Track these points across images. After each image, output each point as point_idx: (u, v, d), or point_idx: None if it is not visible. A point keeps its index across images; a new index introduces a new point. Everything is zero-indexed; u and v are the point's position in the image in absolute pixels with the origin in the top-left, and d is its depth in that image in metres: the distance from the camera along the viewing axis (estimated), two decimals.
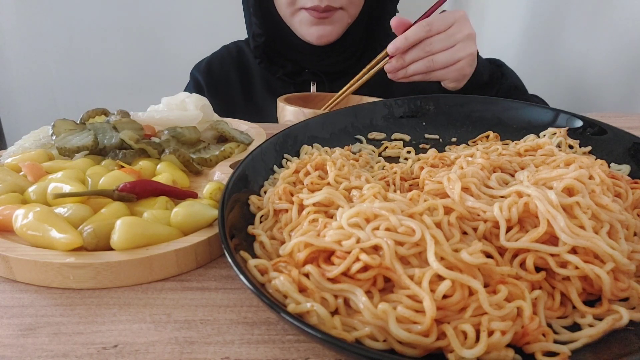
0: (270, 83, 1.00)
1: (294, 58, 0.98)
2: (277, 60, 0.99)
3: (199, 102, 0.70)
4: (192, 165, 0.56)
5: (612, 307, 0.31)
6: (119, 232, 0.38)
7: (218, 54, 1.07)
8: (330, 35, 0.90)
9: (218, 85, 1.02)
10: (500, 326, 0.28)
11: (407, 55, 0.72)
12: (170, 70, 1.75)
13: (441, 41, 0.70)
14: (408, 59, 0.72)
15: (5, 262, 0.38)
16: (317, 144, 0.55)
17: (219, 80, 1.03)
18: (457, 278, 0.29)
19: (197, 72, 1.04)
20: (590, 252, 0.32)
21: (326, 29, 0.89)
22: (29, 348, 0.31)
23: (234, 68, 1.03)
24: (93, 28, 1.74)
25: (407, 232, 0.31)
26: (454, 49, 0.71)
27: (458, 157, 0.48)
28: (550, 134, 0.55)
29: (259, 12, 0.93)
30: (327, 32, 0.89)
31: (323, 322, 0.29)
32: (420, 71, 0.73)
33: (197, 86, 1.03)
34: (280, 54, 0.99)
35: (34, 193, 0.46)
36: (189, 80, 1.06)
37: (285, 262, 0.33)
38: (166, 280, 0.38)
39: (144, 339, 0.32)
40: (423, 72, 0.73)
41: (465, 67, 0.73)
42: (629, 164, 0.49)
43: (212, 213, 0.42)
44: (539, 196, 0.33)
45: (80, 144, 0.56)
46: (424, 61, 0.72)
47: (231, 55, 1.05)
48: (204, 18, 1.71)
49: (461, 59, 0.72)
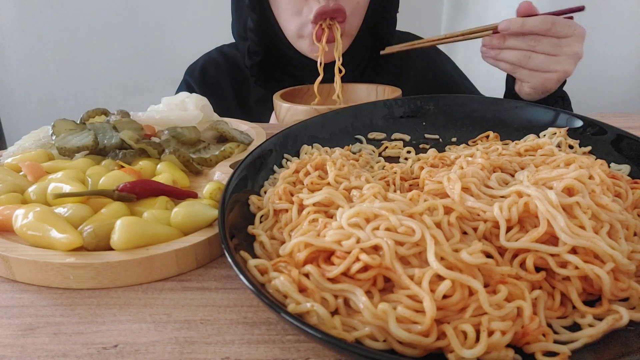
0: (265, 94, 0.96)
1: (292, 74, 0.95)
2: (274, 75, 0.95)
3: (199, 102, 0.70)
4: (192, 165, 0.56)
5: (612, 307, 0.31)
6: (119, 232, 0.38)
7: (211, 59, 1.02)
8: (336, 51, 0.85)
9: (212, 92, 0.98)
10: (500, 326, 0.28)
11: (510, 40, 0.69)
12: (170, 70, 1.75)
13: (549, 45, 0.67)
14: (508, 44, 0.69)
15: (5, 262, 0.38)
16: (317, 144, 0.55)
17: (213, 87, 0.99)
18: (457, 278, 0.29)
19: (190, 77, 1.01)
20: (590, 252, 0.32)
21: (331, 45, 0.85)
22: (29, 348, 0.31)
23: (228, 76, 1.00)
24: (93, 28, 1.74)
25: (407, 232, 0.31)
26: (555, 59, 0.68)
27: (458, 157, 0.48)
28: (550, 134, 0.55)
29: (258, 30, 0.88)
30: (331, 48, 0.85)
31: (323, 322, 0.29)
32: (511, 61, 0.70)
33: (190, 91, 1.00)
34: (277, 70, 0.95)
35: (34, 193, 0.46)
36: (181, 85, 1.03)
37: (285, 262, 0.33)
38: (166, 280, 0.38)
39: (144, 339, 0.32)
40: (515, 63, 0.70)
41: (553, 81, 0.70)
42: (628, 164, 0.49)
43: (212, 213, 0.42)
44: (539, 196, 0.33)
45: (80, 144, 0.56)
46: (521, 53, 0.69)
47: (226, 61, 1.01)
48: (204, 18, 1.71)
49: (555, 72, 0.69)
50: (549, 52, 0.68)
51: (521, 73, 0.71)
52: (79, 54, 1.78)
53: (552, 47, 0.67)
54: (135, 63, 1.79)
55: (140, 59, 1.79)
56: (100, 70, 1.79)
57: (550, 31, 0.66)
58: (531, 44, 0.68)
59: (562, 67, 0.69)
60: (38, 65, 1.78)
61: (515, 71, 0.72)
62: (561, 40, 0.67)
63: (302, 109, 0.70)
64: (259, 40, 0.89)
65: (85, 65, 1.79)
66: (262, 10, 0.88)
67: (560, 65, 0.69)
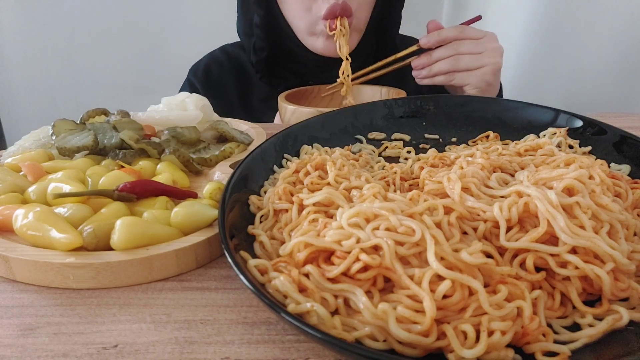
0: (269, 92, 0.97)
1: (297, 70, 0.95)
2: (279, 73, 0.95)
3: (199, 102, 0.70)
4: (192, 165, 0.56)
5: (612, 307, 0.31)
6: (119, 232, 0.38)
7: (215, 59, 1.02)
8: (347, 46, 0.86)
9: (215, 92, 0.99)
10: (500, 326, 0.28)
11: (435, 53, 0.74)
12: (170, 70, 1.75)
13: (470, 45, 0.73)
14: (435, 56, 0.74)
15: (5, 262, 0.38)
16: (317, 144, 0.55)
17: (216, 87, 1.00)
18: (457, 278, 0.29)
19: (194, 77, 1.01)
20: (590, 252, 0.32)
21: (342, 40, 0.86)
22: (29, 348, 0.31)
23: (232, 76, 1.00)
24: (93, 28, 1.74)
25: (407, 232, 0.31)
26: (481, 55, 0.73)
27: (458, 157, 0.48)
28: (550, 134, 0.55)
29: (265, 26, 0.89)
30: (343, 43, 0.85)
31: (323, 322, 0.29)
32: (444, 70, 0.74)
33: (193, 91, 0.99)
34: (282, 66, 0.95)
35: (34, 193, 0.46)
36: (184, 84, 1.03)
37: (285, 262, 0.33)
38: (166, 280, 0.38)
39: (144, 339, 0.32)
40: (447, 71, 0.74)
41: (489, 74, 0.74)
42: (628, 164, 0.49)
43: (212, 213, 0.42)
44: (539, 196, 0.33)
45: (80, 144, 0.56)
46: (449, 60, 0.74)
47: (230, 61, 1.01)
48: (204, 18, 1.71)
49: (485, 65, 0.73)
50: (473, 51, 0.74)
51: (458, 78, 0.75)
52: (79, 53, 1.77)
53: (474, 46, 0.73)
54: (136, 63, 1.79)
55: (141, 59, 1.79)
56: (100, 70, 1.79)
57: (464, 34, 0.73)
58: (455, 48, 0.74)
59: (490, 60, 0.74)
60: (38, 65, 1.78)
61: (451, 79, 0.76)
62: (478, 40, 0.74)
63: (308, 112, 0.70)
64: (265, 36, 0.90)
65: (85, 65, 1.79)
66: (268, 6, 0.88)
67: (488, 59, 0.74)
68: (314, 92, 0.87)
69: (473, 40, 0.74)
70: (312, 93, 0.88)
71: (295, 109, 0.72)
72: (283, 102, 0.75)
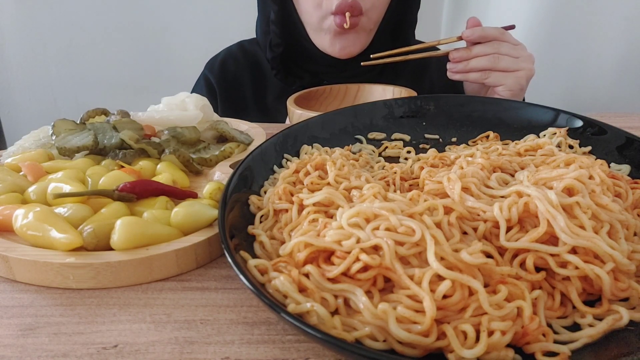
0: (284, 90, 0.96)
1: (312, 69, 0.95)
2: (294, 71, 0.95)
3: (199, 102, 0.70)
4: (192, 165, 0.56)
5: (612, 307, 0.31)
6: (119, 232, 0.38)
7: (231, 54, 1.02)
8: (354, 46, 0.87)
9: (230, 87, 1.00)
10: (500, 326, 0.28)
11: (475, 48, 0.74)
12: (171, 70, 1.75)
13: (509, 47, 0.73)
14: (475, 51, 0.74)
15: (5, 262, 0.38)
16: (317, 144, 0.55)
17: (232, 82, 1.00)
18: (457, 278, 0.29)
19: (210, 72, 1.01)
20: (590, 252, 0.32)
21: (349, 39, 0.86)
22: (29, 348, 0.31)
23: (247, 71, 1.00)
24: (93, 28, 1.74)
25: (407, 232, 0.31)
26: (518, 59, 0.74)
27: (458, 157, 0.48)
28: (550, 134, 0.55)
29: (280, 22, 0.89)
30: (350, 43, 0.86)
31: (323, 322, 0.29)
32: (481, 66, 0.74)
33: (208, 86, 1.00)
34: (298, 65, 0.95)
35: (34, 193, 0.46)
36: (200, 79, 1.03)
37: (285, 262, 0.33)
38: (166, 280, 0.38)
39: (144, 339, 0.32)
40: (484, 68, 0.74)
41: (524, 78, 0.75)
42: (628, 164, 0.49)
43: (212, 213, 0.42)
44: (539, 196, 0.33)
45: (80, 144, 0.56)
46: (489, 57, 0.73)
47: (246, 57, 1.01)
48: (204, 18, 1.71)
49: (522, 70, 0.74)
50: (512, 54, 0.74)
51: (494, 77, 0.75)
52: (79, 53, 1.77)
53: (512, 49, 0.74)
54: (136, 63, 1.79)
55: (141, 59, 1.79)
56: (100, 70, 1.79)
57: (505, 36, 0.73)
58: (495, 47, 0.73)
59: (527, 65, 0.75)
60: (38, 65, 1.78)
61: (486, 77, 0.75)
62: (515, 45, 0.74)
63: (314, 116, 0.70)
64: (280, 32, 0.90)
65: (85, 66, 1.79)
66: (283, 2, 0.89)
67: (524, 64, 0.74)
68: (325, 93, 0.87)
69: (512, 44, 0.74)
70: (324, 94, 0.87)
71: (302, 113, 0.72)
72: (292, 105, 0.75)
